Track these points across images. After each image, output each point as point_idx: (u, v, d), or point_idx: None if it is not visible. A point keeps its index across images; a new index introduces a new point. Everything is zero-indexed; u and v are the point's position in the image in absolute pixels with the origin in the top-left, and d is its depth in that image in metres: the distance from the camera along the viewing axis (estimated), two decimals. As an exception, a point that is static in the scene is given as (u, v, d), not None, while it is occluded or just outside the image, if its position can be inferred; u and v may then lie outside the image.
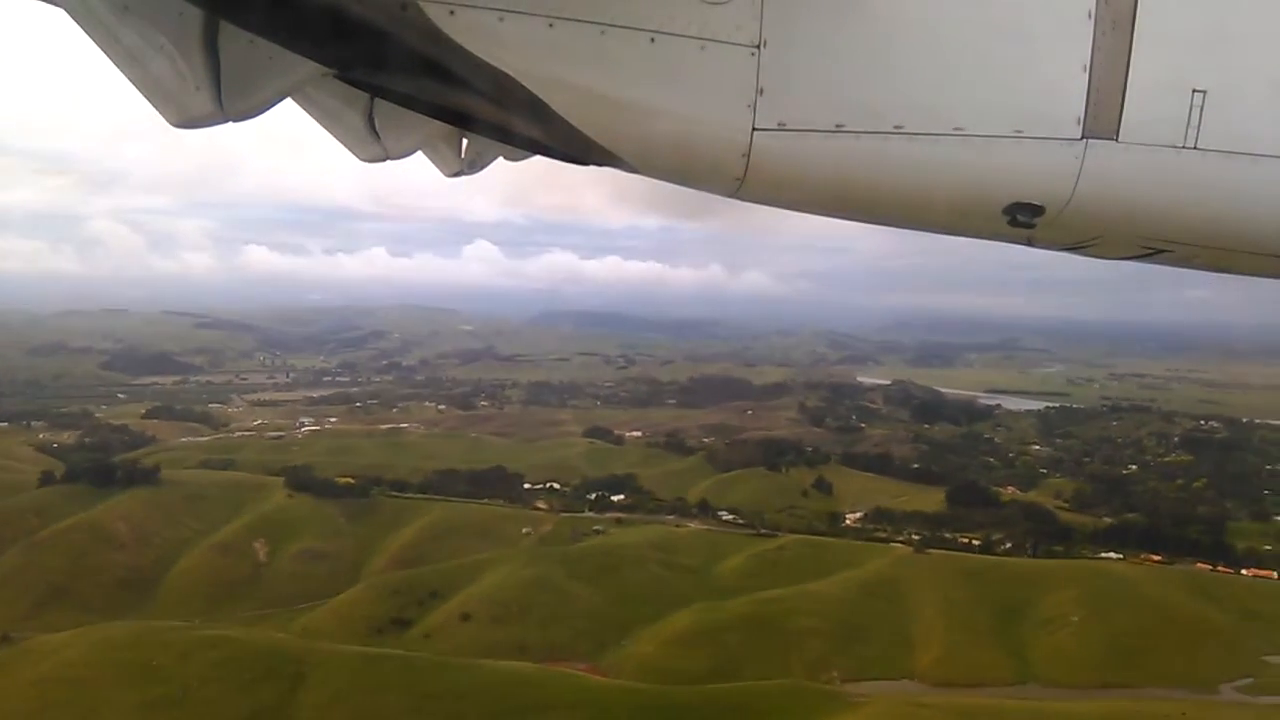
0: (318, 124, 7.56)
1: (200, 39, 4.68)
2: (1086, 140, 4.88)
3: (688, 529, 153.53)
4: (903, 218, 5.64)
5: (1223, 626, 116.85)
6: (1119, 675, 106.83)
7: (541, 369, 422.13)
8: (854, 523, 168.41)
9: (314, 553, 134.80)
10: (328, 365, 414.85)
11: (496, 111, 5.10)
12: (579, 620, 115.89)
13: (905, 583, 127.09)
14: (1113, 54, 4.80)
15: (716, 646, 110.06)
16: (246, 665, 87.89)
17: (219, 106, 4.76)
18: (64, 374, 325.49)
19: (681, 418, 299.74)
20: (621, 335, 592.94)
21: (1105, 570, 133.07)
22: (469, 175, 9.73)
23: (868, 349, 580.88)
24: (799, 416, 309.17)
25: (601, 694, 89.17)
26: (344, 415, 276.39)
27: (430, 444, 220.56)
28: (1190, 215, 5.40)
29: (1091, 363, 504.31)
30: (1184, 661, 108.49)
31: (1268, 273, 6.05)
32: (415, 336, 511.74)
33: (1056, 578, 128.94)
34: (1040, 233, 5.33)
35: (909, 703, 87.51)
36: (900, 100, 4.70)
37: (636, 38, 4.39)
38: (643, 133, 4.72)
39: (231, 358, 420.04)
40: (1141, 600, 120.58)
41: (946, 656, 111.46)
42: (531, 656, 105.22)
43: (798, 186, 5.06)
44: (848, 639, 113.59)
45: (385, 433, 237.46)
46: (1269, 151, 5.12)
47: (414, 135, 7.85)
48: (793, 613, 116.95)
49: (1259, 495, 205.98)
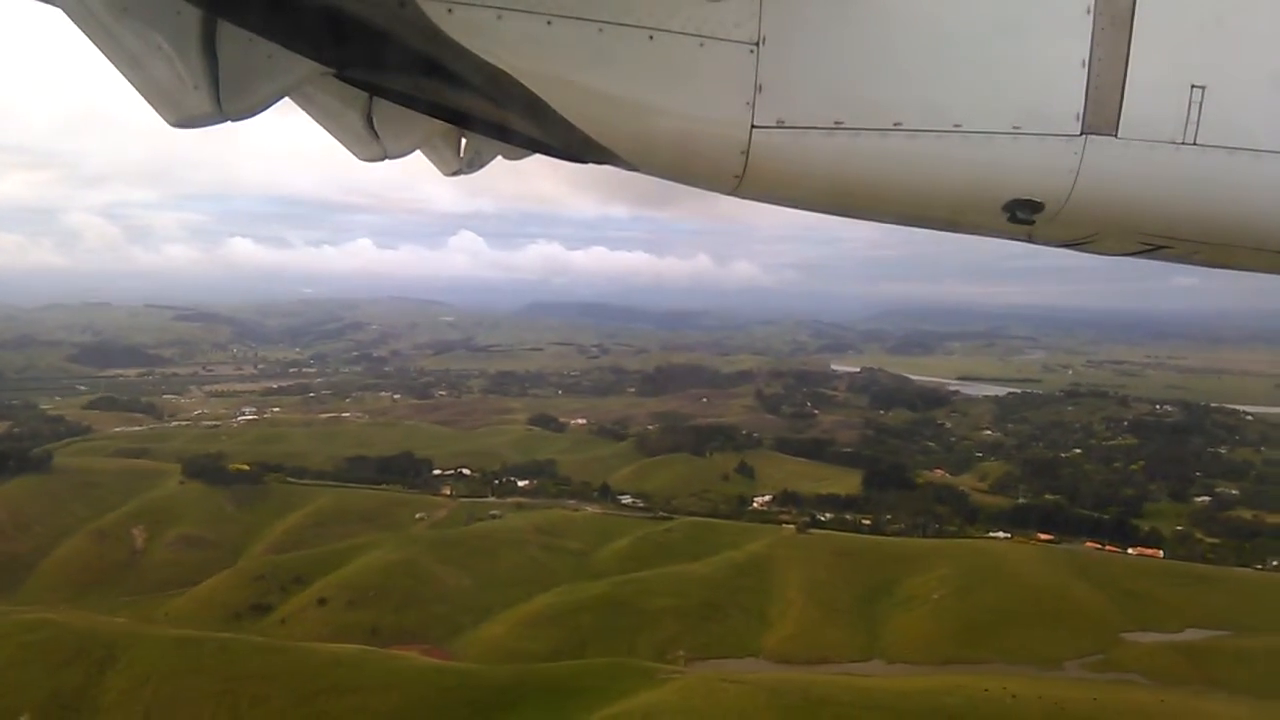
0: (316, 123, 7.52)
1: (198, 39, 4.67)
2: (1086, 136, 4.87)
3: (584, 513, 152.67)
4: (902, 215, 5.65)
5: (1089, 604, 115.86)
6: (966, 652, 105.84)
7: (513, 359, 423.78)
8: (761, 506, 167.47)
9: (192, 539, 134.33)
10: (300, 357, 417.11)
11: (495, 110, 5.24)
12: (437, 604, 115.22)
13: (779, 563, 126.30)
14: (1112, 50, 4.78)
15: (567, 628, 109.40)
16: (57, 648, 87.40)
17: (217, 106, 4.77)
18: (29, 366, 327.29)
19: (635, 405, 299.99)
20: (609, 326, 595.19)
21: (986, 549, 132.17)
22: (468, 174, 9.81)
23: (851, 338, 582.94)
24: (754, 404, 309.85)
25: (418, 675, 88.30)
26: (295, 405, 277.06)
27: (363, 431, 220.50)
28: (1189, 211, 5.38)
29: (1073, 350, 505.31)
30: (1037, 639, 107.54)
31: (1267, 268, 6.06)
32: (395, 329, 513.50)
33: (934, 557, 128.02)
34: (1040, 229, 5.35)
35: (718, 679, 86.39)
36: (899, 97, 4.69)
37: (635, 35, 4.36)
38: (642, 130, 4.69)
39: (205, 350, 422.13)
40: (1011, 579, 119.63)
41: (798, 634, 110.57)
42: (380, 640, 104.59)
43: (797, 184, 5.02)
44: (704, 619, 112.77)
45: (324, 422, 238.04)
46: (1268, 147, 5.10)
47: (413, 134, 7.88)
48: (653, 593, 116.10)
49: (1190, 477, 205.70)
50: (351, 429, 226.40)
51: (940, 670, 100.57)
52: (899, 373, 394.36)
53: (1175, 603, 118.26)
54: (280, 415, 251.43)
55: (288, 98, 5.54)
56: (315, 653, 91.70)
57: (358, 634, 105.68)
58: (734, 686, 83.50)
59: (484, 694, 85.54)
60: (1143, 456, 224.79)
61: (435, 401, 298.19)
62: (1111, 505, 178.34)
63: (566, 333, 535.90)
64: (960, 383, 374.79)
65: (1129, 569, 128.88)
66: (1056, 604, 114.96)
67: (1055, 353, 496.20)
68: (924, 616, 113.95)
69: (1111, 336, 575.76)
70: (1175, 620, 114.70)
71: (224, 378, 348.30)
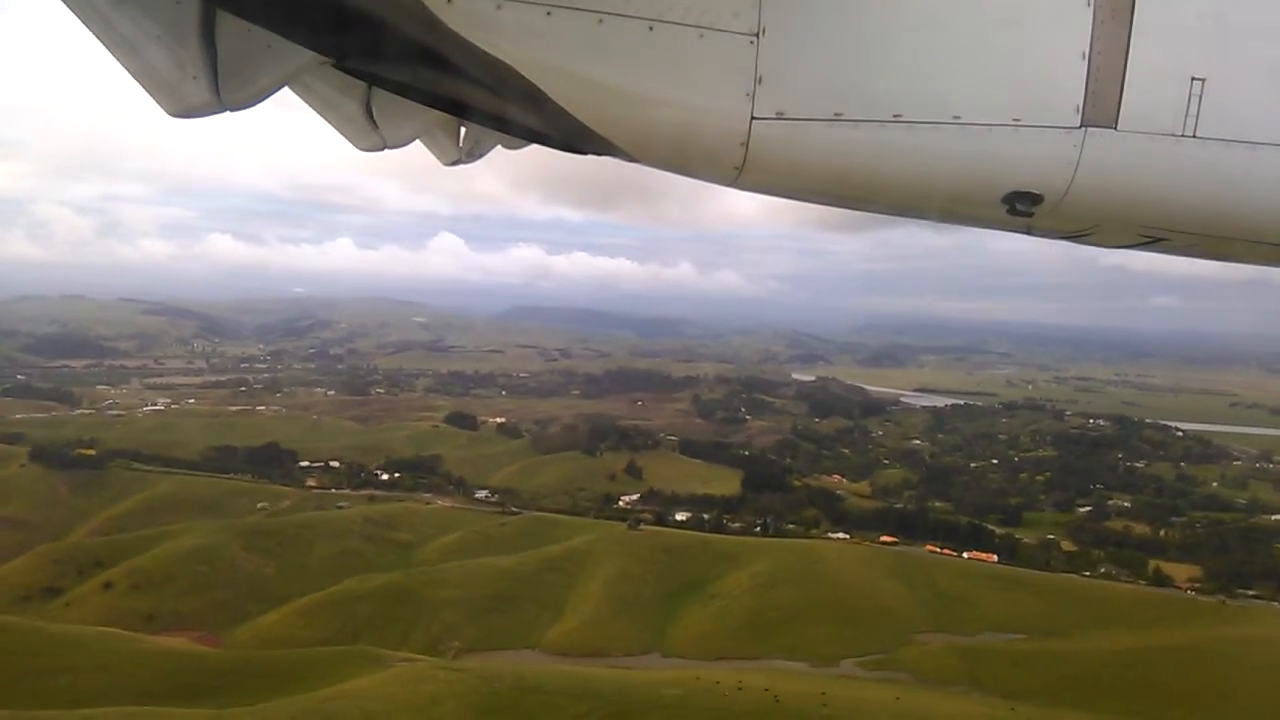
0: (315, 113, 7.42)
1: (197, 28, 4.65)
2: (1085, 129, 4.80)
3: (432, 507, 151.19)
4: (901, 207, 5.52)
5: (895, 605, 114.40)
6: (746, 647, 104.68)
7: (470, 360, 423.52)
8: (626, 504, 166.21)
9: (13, 521, 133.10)
10: (259, 353, 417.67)
11: (494, 100, 5.20)
12: (225, 590, 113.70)
13: (596, 558, 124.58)
14: (1111, 42, 4.72)
15: (343, 617, 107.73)
16: None
17: (216, 96, 4.76)
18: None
19: (570, 408, 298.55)
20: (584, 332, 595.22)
21: (812, 549, 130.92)
22: (467, 164, 9.71)
23: (827, 349, 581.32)
24: (689, 408, 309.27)
25: (143, 658, 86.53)
26: (225, 399, 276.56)
27: (264, 424, 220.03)
28: (1189, 203, 5.27)
29: (1045, 366, 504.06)
30: (823, 636, 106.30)
31: (1265, 261, 6.07)
32: (364, 328, 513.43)
33: (757, 556, 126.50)
34: (1039, 221, 5.27)
35: (437, 667, 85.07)
36: (899, 89, 4.62)
37: (635, 26, 4.30)
38: (641, 121, 4.60)
39: (166, 344, 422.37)
40: (821, 578, 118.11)
41: (582, 628, 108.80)
42: (155, 625, 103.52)
43: (796, 175, 4.92)
44: (488, 610, 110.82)
45: (231, 414, 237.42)
46: (1267, 139, 5.01)
47: (412, 124, 7.84)
48: (444, 585, 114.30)
49: (1088, 489, 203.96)
50: (249, 421, 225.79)
51: (712, 665, 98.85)
52: (857, 384, 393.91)
53: (986, 606, 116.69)
54: (195, 407, 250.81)
55: (286, 87, 5.61)
56: (46, 633, 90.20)
57: (133, 619, 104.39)
58: (445, 674, 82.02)
59: (201, 676, 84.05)
60: (1053, 468, 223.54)
61: (367, 399, 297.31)
62: (992, 513, 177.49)
63: (539, 336, 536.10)
64: (916, 394, 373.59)
65: (956, 572, 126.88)
66: (858, 603, 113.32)
67: (1026, 368, 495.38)
68: (717, 613, 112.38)
69: (1088, 354, 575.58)
70: (978, 623, 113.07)
71: (169, 371, 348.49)
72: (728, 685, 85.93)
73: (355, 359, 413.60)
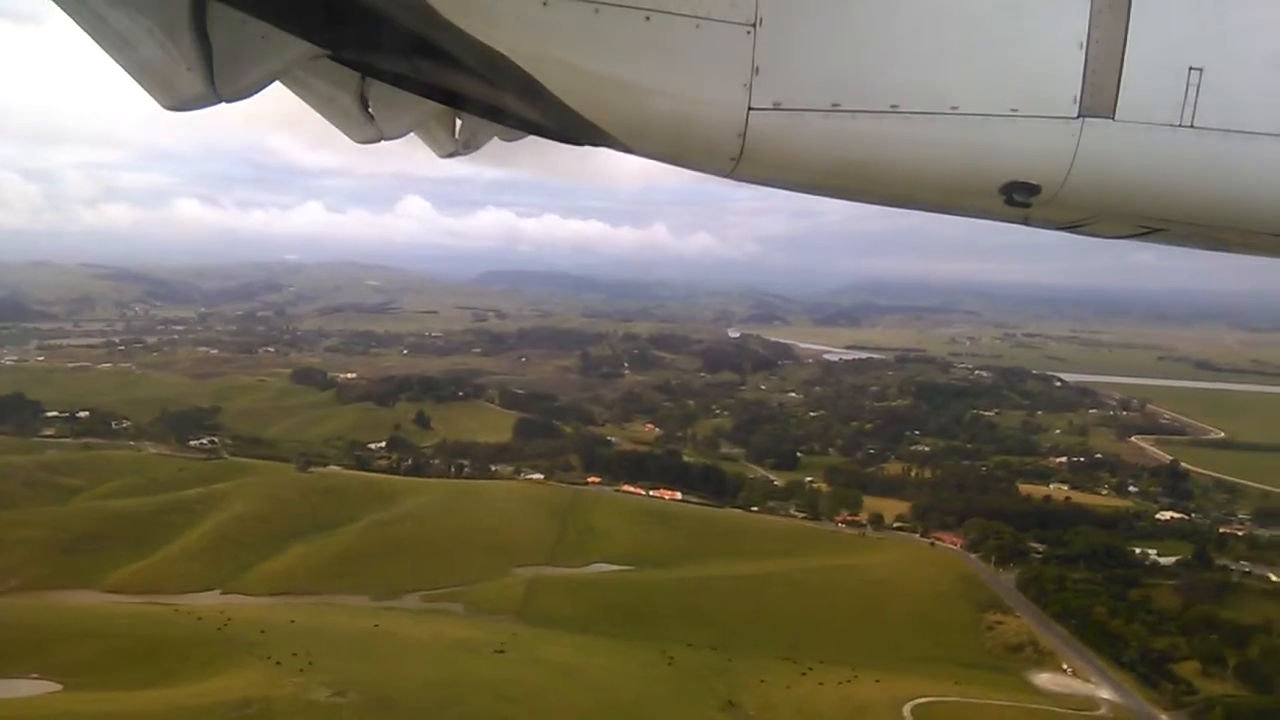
0: (309, 106, 7.23)
1: (189, 21, 4.62)
2: (1083, 119, 4.72)
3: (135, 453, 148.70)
4: (898, 197, 5.47)
5: (514, 542, 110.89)
6: (316, 585, 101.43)
7: (398, 321, 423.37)
8: (375, 451, 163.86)
9: None
10: (192, 316, 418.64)
11: (490, 91, 5.23)
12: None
13: (229, 499, 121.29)
14: (1109, 32, 4.66)
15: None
16: None
17: (211, 88, 4.74)
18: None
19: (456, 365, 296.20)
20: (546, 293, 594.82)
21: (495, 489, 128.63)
22: (463, 156, 9.51)
23: (790, 309, 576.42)
24: (572, 364, 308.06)
25: None
26: (100, 357, 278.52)
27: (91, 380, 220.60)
28: (1186, 194, 5.19)
29: (1003, 325, 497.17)
30: (402, 571, 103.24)
31: (1263, 251, 5.93)
32: (316, 291, 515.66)
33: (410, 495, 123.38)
34: (1036, 212, 5.20)
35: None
36: (896, 79, 4.57)
37: (631, 16, 4.24)
38: (637, 112, 4.54)
39: (103, 307, 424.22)
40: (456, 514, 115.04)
41: (153, 567, 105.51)
42: None
43: (793, 166, 4.87)
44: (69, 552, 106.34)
45: (67, 370, 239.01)
46: (1265, 129, 4.93)
47: (407, 116, 7.66)
48: (26, 525, 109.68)
49: (903, 435, 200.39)
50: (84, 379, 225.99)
51: (269, 601, 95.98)
52: (782, 341, 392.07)
53: (618, 540, 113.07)
54: (39, 364, 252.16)
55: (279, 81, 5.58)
56: None
57: None
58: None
59: None
60: (893, 417, 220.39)
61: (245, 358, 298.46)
62: (769, 458, 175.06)
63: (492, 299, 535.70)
64: (845, 351, 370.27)
65: (612, 509, 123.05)
66: (473, 539, 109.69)
67: (984, 326, 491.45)
68: (315, 550, 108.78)
69: (1060, 312, 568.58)
70: (593, 556, 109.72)
71: (78, 334, 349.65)
72: (215, 619, 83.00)
73: (281, 321, 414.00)
